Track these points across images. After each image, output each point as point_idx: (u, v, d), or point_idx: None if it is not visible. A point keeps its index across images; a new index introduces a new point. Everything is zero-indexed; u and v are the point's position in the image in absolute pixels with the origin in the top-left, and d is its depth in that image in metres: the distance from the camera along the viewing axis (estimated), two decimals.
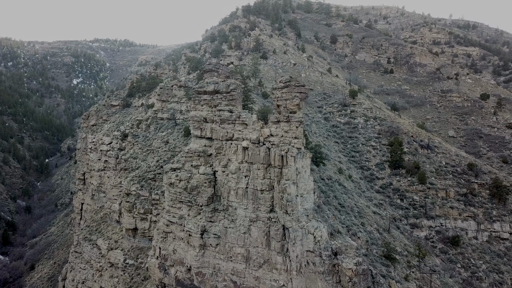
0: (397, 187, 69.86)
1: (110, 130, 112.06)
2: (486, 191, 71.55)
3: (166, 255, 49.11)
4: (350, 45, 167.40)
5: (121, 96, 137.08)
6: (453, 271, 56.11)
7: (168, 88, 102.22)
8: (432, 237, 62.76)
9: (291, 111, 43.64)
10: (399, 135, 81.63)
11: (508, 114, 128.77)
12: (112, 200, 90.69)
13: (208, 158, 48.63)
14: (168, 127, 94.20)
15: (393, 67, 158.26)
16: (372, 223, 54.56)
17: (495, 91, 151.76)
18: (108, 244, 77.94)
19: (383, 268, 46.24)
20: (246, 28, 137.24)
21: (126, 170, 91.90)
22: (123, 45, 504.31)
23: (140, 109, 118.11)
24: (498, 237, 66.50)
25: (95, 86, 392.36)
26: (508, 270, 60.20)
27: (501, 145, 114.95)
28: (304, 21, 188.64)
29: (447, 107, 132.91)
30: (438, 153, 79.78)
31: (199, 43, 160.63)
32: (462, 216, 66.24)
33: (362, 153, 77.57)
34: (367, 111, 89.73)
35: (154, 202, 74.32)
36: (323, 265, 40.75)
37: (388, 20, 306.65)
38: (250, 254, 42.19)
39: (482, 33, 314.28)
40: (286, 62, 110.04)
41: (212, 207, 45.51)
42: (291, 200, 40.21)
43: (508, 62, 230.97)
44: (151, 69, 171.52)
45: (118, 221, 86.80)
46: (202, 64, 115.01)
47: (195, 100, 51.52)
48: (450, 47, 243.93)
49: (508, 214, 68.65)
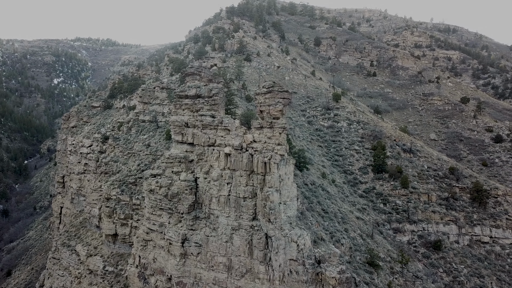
0: (380, 191, 69.93)
1: (91, 132, 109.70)
2: (467, 195, 72.30)
3: (146, 264, 47.82)
4: (334, 48, 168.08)
5: (102, 97, 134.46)
6: (435, 276, 56.30)
7: (150, 89, 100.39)
8: (415, 242, 62.95)
9: (274, 117, 42.95)
10: (382, 139, 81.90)
11: (487, 118, 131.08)
12: (92, 204, 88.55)
13: (190, 164, 47.55)
14: (150, 130, 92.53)
15: (376, 70, 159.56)
16: (356, 228, 54.31)
17: (475, 94, 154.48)
18: (87, 250, 75.90)
19: (366, 275, 45.97)
20: (230, 29, 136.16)
21: (107, 173, 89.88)
22: (105, 44, 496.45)
23: (122, 111, 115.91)
24: (478, 241, 67.22)
25: (77, 86, 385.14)
26: (489, 274, 60.79)
27: (480, 148, 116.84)
28: (288, 23, 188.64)
29: (429, 110, 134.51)
30: (420, 157, 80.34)
31: (183, 44, 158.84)
32: (444, 220, 66.70)
33: (346, 157, 77.50)
34: (351, 114, 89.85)
35: (135, 207, 72.66)
36: (306, 274, 40.15)
37: (371, 23, 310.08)
38: (232, 263, 41.30)
39: (462, 37, 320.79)
40: (270, 65, 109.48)
41: (194, 215, 44.45)
42: (274, 208, 39.50)
43: (487, 66, 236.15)
44: (133, 70, 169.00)
45: (98, 226, 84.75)
46: (185, 65, 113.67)
47: (176, 104, 50.37)
48: (431, 51, 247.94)
49: (488, 218, 69.46)
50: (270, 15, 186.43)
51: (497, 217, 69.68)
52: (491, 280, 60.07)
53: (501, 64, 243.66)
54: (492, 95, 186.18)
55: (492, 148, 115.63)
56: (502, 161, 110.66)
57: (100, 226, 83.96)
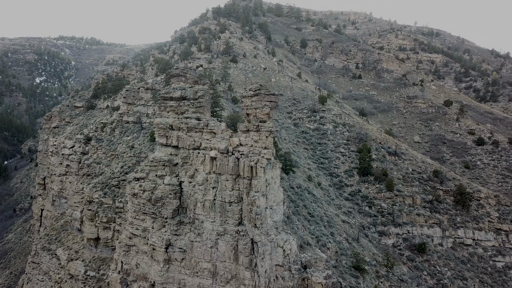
0: (365, 194, 70.06)
1: (73, 133, 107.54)
2: (450, 198, 73.03)
3: (129, 269, 46.71)
4: (320, 50, 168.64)
5: (85, 97, 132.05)
6: (419, 279, 56.54)
7: (135, 90, 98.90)
8: (400, 245, 63.20)
9: (261, 120, 42.43)
10: (368, 141, 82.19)
11: (469, 121, 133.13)
12: (74, 207, 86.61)
13: (174, 167, 46.63)
14: (134, 131, 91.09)
15: (361, 73, 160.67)
16: (342, 232, 54.15)
17: (458, 97, 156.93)
18: (68, 254, 74.06)
19: (352, 279, 45.76)
20: (216, 30, 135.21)
21: (89, 175, 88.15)
22: (89, 43, 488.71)
23: (105, 111, 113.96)
24: (462, 243, 67.89)
25: (59, 85, 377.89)
26: (472, 276, 61.40)
27: (463, 151, 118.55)
28: (275, 25, 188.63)
29: (413, 113, 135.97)
30: (405, 160, 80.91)
31: (168, 44, 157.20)
32: (428, 223, 67.17)
33: (331, 160, 77.50)
34: (336, 117, 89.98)
35: (118, 210, 71.24)
36: (292, 280, 39.67)
37: (357, 25, 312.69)
38: (217, 269, 40.58)
39: (445, 40, 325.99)
40: (257, 66, 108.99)
41: (178, 220, 43.55)
42: (260, 213, 38.93)
43: (469, 69, 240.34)
44: (117, 70, 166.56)
45: (80, 230, 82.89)
46: (170, 65, 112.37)
47: (161, 106, 49.45)
48: (415, 54, 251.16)
49: (471, 220, 70.26)
50: (256, 16, 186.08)
51: (480, 219, 70.54)
52: (474, 282, 60.67)
53: (482, 67, 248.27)
54: (474, 98, 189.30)
55: (474, 151, 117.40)
56: (483, 164, 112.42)
57: (82, 229, 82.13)
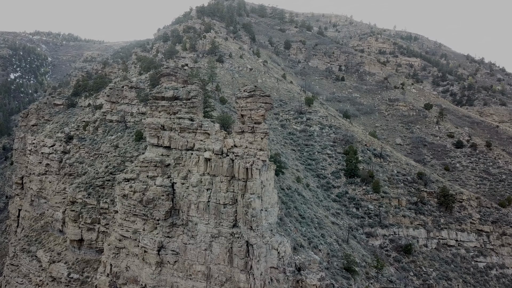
0: (352, 195, 70.74)
1: (53, 131, 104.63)
2: (434, 200, 74.55)
3: (118, 272, 45.70)
4: (304, 52, 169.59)
5: (66, 95, 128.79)
6: (406, 280, 57.45)
7: (119, 88, 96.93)
8: (386, 246, 64.08)
9: (256, 122, 42.20)
10: (354, 143, 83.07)
11: (448, 124, 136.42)
12: (55, 207, 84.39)
13: (166, 168, 45.89)
14: (118, 130, 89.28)
15: (344, 75, 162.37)
16: (332, 234, 54.48)
17: (437, 101, 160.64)
18: (50, 256, 71.92)
19: (344, 281, 46.04)
20: (201, 29, 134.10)
21: (71, 175, 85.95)
22: (67, 39, 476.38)
23: (87, 109, 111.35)
24: (445, 244, 69.39)
25: (35, 82, 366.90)
26: (456, 276, 62.82)
27: (443, 153, 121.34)
28: (259, 25, 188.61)
29: (394, 116, 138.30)
30: (390, 162, 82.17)
31: (151, 42, 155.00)
32: (414, 225, 68.36)
33: (318, 161, 77.93)
34: (323, 119, 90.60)
35: (103, 211, 69.72)
36: (287, 282, 39.60)
37: (338, 28, 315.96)
38: (211, 271, 40.16)
39: (423, 44, 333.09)
40: (243, 67, 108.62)
41: (170, 222, 42.88)
42: (256, 215, 38.73)
43: (446, 74, 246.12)
44: (98, 67, 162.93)
45: (61, 231, 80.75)
46: (154, 64, 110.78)
47: (152, 106, 48.58)
48: (395, 57, 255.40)
49: (454, 221, 71.91)
50: (240, 16, 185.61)
51: (462, 221, 72.28)
52: (458, 282, 62.11)
53: (458, 72, 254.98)
54: (451, 102, 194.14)
55: (454, 153, 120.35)
56: (462, 166, 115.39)
57: (64, 230, 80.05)
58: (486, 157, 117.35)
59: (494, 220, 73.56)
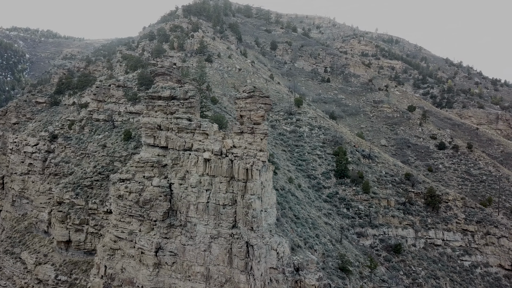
0: (343, 196, 71.53)
1: (36, 130, 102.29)
2: (421, 200, 76.09)
3: (113, 274, 44.98)
4: (290, 53, 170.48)
5: (48, 93, 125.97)
6: (397, 279, 58.46)
7: (105, 87, 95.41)
8: (377, 246, 65.02)
9: (255, 122, 42.26)
10: (343, 144, 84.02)
11: (431, 126, 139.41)
12: (40, 208, 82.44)
13: (163, 169, 45.46)
14: (105, 129, 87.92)
15: (330, 77, 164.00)
16: (325, 234, 54.99)
17: (419, 103, 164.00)
18: (35, 258, 70.25)
19: (339, 281, 46.55)
20: (188, 28, 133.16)
21: (57, 175, 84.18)
22: (45, 36, 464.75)
23: (72, 108, 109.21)
24: (432, 244, 70.91)
25: (12, 79, 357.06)
26: (443, 275, 64.28)
27: (426, 155, 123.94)
28: (245, 26, 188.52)
29: (379, 117, 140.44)
30: (378, 163, 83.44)
31: (136, 41, 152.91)
32: (402, 225, 69.60)
33: (309, 162, 78.48)
34: (312, 120, 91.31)
35: (91, 211, 68.63)
36: (286, 282, 39.85)
37: (321, 29, 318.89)
38: (210, 272, 39.98)
39: (403, 47, 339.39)
40: (232, 67, 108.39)
41: (168, 223, 42.49)
42: (257, 216, 38.80)
43: (426, 77, 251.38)
44: (80, 65, 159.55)
45: (47, 232, 79.04)
46: (142, 63, 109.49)
47: (148, 106, 48.04)
48: (377, 59, 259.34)
49: (440, 221, 73.56)
50: (226, 16, 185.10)
51: (448, 221, 74.01)
52: (445, 281, 63.56)
53: (438, 75, 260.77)
54: (432, 104, 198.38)
55: (436, 155, 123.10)
56: (445, 167, 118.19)
57: (49, 232, 78.38)
58: (467, 159, 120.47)
59: (478, 220, 75.59)
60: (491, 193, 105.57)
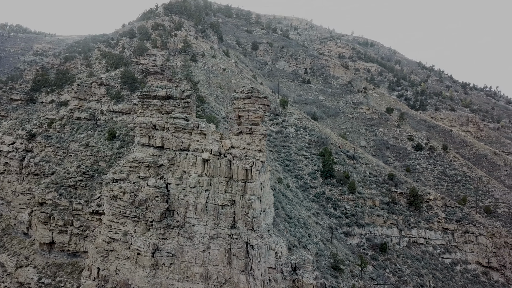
0: (329, 196, 72.64)
1: (12, 128, 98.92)
2: (404, 200, 78.21)
3: (107, 276, 44.14)
4: (271, 53, 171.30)
5: (23, 90, 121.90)
6: (384, 277, 59.92)
7: (87, 85, 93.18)
8: (363, 244, 66.40)
9: (254, 123, 42.42)
10: (328, 145, 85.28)
11: (408, 127, 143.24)
12: (18, 209, 79.63)
13: (158, 169, 44.98)
14: (88, 128, 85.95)
15: (310, 78, 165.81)
16: (317, 234, 55.76)
17: (396, 105, 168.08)
18: (16, 260, 67.88)
19: (333, 279, 47.35)
20: (170, 27, 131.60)
21: (37, 175, 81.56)
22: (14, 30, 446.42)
23: (50, 106, 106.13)
24: (415, 242, 73.05)
25: None
26: (426, 273, 66.33)
27: (404, 155, 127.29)
28: (225, 25, 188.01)
29: (358, 118, 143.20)
30: (362, 163, 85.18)
31: (116, 38, 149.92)
32: (387, 224, 71.33)
33: (295, 162, 79.27)
34: (297, 121, 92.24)
35: (76, 212, 66.94)
36: (284, 282, 40.27)
37: (299, 31, 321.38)
38: (209, 273, 39.86)
39: (378, 50, 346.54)
40: (216, 67, 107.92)
41: (165, 223, 42.05)
42: (257, 216, 38.99)
43: (400, 79, 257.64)
44: (55, 61, 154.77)
45: (26, 234, 76.48)
46: (124, 61, 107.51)
47: (143, 105, 47.39)
48: (353, 62, 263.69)
49: (422, 220, 75.87)
50: (207, 16, 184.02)
51: (430, 220, 76.41)
52: (429, 278, 65.61)
53: (411, 78, 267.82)
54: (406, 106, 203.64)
55: (414, 156, 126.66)
56: (422, 168, 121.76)
57: (30, 233, 75.92)
58: (443, 160, 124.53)
59: (457, 219, 78.39)
60: (465, 192, 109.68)
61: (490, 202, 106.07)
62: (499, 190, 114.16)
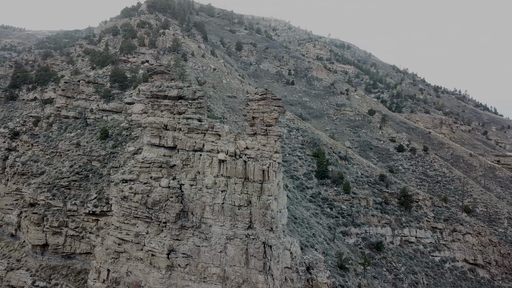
0: (325, 196, 73.89)
1: None
2: (395, 200, 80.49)
3: (118, 278, 43.42)
4: (255, 54, 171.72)
5: (1, 86, 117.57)
6: (381, 275, 61.61)
7: (75, 83, 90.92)
8: (360, 244, 67.98)
9: (268, 124, 42.79)
10: (320, 146, 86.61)
11: (390, 129, 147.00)
12: (5, 210, 76.90)
13: (171, 169, 44.63)
14: (77, 127, 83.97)
15: (294, 79, 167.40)
16: (320, 233, 56.70)
17: (377, 107, 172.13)
18: (7, 263, 65.51)
19: (340, 278, 48.41)
20: (157, 25, 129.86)
21: (24, 175, 78.87)
22: None
23: (33, 103, 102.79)
24: (407, 241, 75.30)
25: None
26: (419, 270, 68.59)
27: (387, 156, 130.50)
28: (209, 25, 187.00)
29: (342, 120, 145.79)
30: (354, 164, 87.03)
31: (98, 35, 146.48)
32: (381, 223, 73.26)
33: (290, 163, 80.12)
34: (290, 121, 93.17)
35: (71, 213, 65.31)
36: (300, 281, 40.90)
37: (277, 32, 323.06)
38: (226, 273, 39.91)
39: (355, 53, 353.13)
40: (206, 67, 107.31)
41: (180, 224, 41.79)
42: (275, 217, 39.38)
43: (377, 82, 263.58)
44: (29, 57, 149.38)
45: (14, 236, 74.02)
46: (111, 58, 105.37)
47: (154, 105, 46.87)
48: (331, 63, 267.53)
49: (413, 220, 78.29)
50: (190, 15, 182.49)
51: (420, 219, 78.96)
52: (422, 276, 67.88)
53: (387, 81, 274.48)
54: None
55: (396, 157, 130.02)
56: (404, 168, 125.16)
57: (18, 235, 73.53)
58: (424, 161, 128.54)
59: (445, 218, 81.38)
60: (446, 192, 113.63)
61: (469, 202, 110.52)
62: (477, 190, 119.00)
